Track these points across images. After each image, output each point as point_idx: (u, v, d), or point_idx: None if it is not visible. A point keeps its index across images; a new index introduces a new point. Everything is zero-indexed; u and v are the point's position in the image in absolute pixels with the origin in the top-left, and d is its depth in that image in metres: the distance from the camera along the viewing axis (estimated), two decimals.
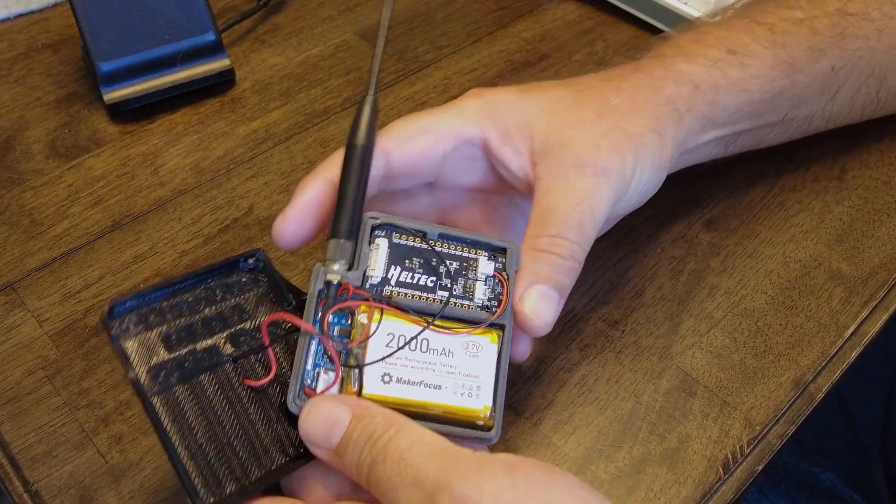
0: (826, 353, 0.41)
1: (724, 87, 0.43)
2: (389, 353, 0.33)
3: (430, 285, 0.35)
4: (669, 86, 0.42)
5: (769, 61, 0.44)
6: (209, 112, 0.55)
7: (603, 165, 0.38)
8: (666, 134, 0.40)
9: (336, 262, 0.34)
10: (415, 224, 0.36)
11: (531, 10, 0.63)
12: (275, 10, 0.62)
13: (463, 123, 0.39)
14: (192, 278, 0.33)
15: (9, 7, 0.62)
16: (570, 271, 0.37)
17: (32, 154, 0.52)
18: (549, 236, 0.36)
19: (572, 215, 0.37)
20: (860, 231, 0.47)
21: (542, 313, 0.35)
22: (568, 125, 0.39)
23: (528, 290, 0.35)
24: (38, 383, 0.41)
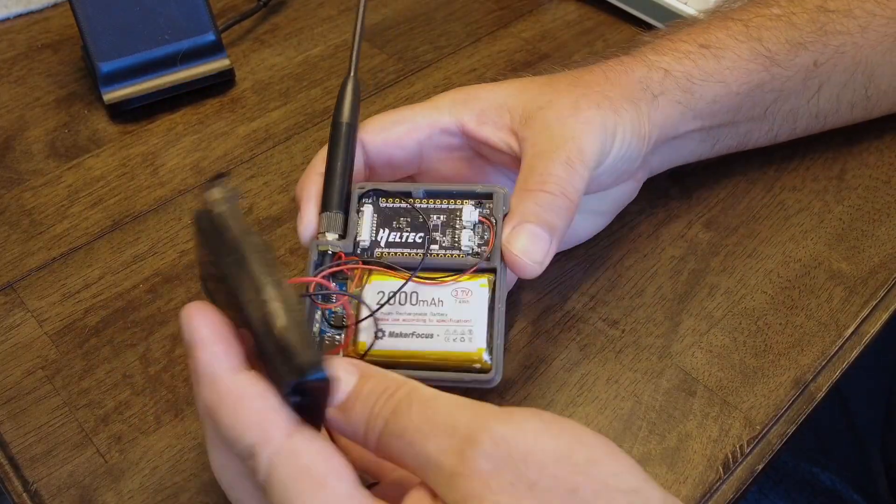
0: (826, 353, 0.41)
1: (699, 77, 0.43)
2: (377, 308, 0.34)
3: (419, 241, 0.36)
4: (639, 69, 0.42)
5: (745, 54, 0.44)
6: (209, 112, 0.55)
7: (585, 115, 0.38)
8: (641, 107, 0.40)
9: (329, 234, 0.36)
10: (400, 186, 0.37)
11: (531, 10, 0.63)
12: (275, 10, 0.62)
13: (437, 113, 0.40)
14: None
15: (9, 7, 0.62)
16: (560, 209, 0.36)
17: (32, 154, 0.52)
18: (538, 175, 0.36)
19: (560, 153, 0.36)
20: (860, 230, 0.47)
21: (530, 252, 0.34)
22: (544, 94, 0.39)
23: (515, 230, 0.35)
24: (38, 383, 0.41)
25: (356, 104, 0.39)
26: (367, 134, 0.39)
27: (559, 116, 0.38)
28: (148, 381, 0.41)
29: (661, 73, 0.42)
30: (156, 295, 0.44)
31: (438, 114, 0.40)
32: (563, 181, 0.36)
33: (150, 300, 0.44)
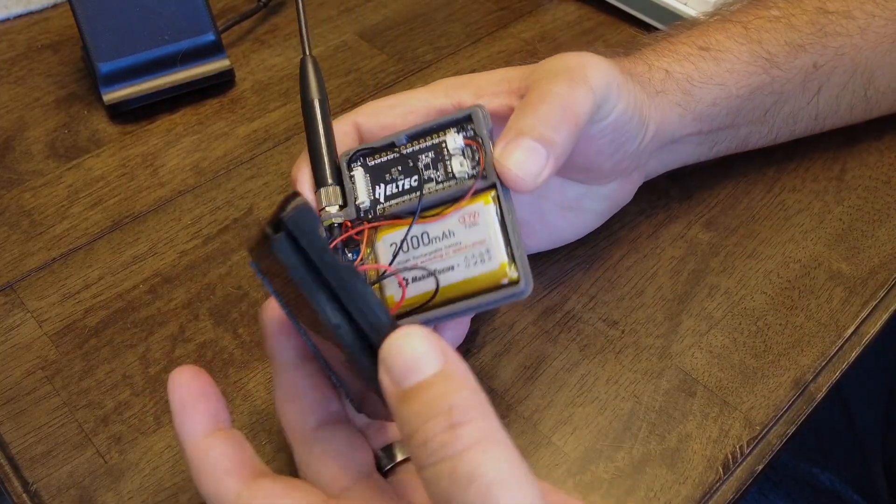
0: (826, 353, 0.41)
1: (698, 79, 0.43)
2: (392, 259, 0.34)
3: (416, 185, 0.35)
4: (640, 68, 0.42)
5: (744, 56, 0.44)
6: (209, 112, 0.55)
7: (592, 58, 0.36)
8: (645, 91, 0.40)
9: (329, 208, 0.36)
10: (382, 140, 0.37)
11: (531, 10, 0.63)
12: (274, 10, 0.62)
13: (432, 96, 0.39)
14: None
15: (9, 7, 0.62)
16: (560, 123, 0.34)
17: (32, 154, 0.52)
18: (539, 92, 0.35)
19: (564, 74, 0.35)
20: (860, 231, 0.47)
21: (524, 165, 0.33)
22: (544, 62, 0.38)
23: (509, 144, 0.33)
24: (38, 383, 0.41)
25: (320, 80, 0.39)
26: (361, 117, 0.39)
27: (563, 69, 0.36)
28: (148, 381, 0.41)
29: (662, 73, 0.42)
30: (155, 295, 0.44)
31: (434, 96, 0.39)
32: (565, 96, 0.34)
33: (150, 301, 0.44)
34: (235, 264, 0.46)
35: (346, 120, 0.39)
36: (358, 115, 0.39)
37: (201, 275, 0.45)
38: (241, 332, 0.42)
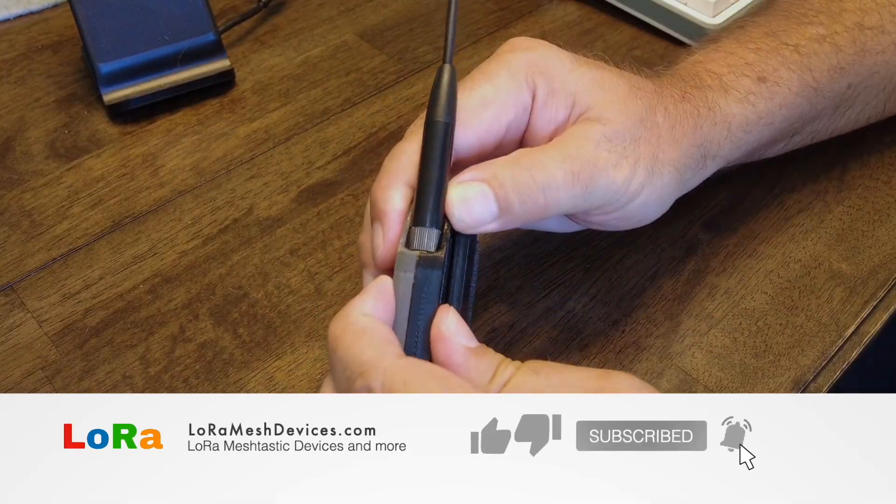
0: (826, 353, 0.41)
1: (753, 122, 0.42)
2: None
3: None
4: (707, 127, 0.40)
5: (795, 87, 0.43)
6: (209, 113, 0.55)
7: (615, 158, 0.36)
8: (684, 175, 0.39)
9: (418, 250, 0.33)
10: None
11: (531, 10, 0.63)
12: (275, 10, 0.62)
13: (517, 86, 0.36)
14: None
15: (9, 8, 0.62)
16: (529, 198, 0.34)
17: (32, 155, 0.52)
18: (535, 156, 0.35)
19: (568, 162, 0.35)
20: (860, 231, 0.47)
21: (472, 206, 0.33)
22: (613, 109, 0.36)
23: (473, 182, 0.34)
24: (38, 384, 0.41)
25: (454, 98, 0.34)
26: (458, 126, 0.35)
27: (597, 139, 0.35)
28: (148, 381, 0.41)
29: (725, 129, 0.41)
30: (155, 296, 0.44)
31: (517, 85, 0.36)
32: (549, 181, 0.34)
33: (150, 301, 0.44)
34: (235, 264, 0.46)
35: None
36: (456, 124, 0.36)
37: (201, 275, 0.45)
38: (241, 332, 0.42)
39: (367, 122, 0.54)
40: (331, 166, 0.51)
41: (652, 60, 0.58)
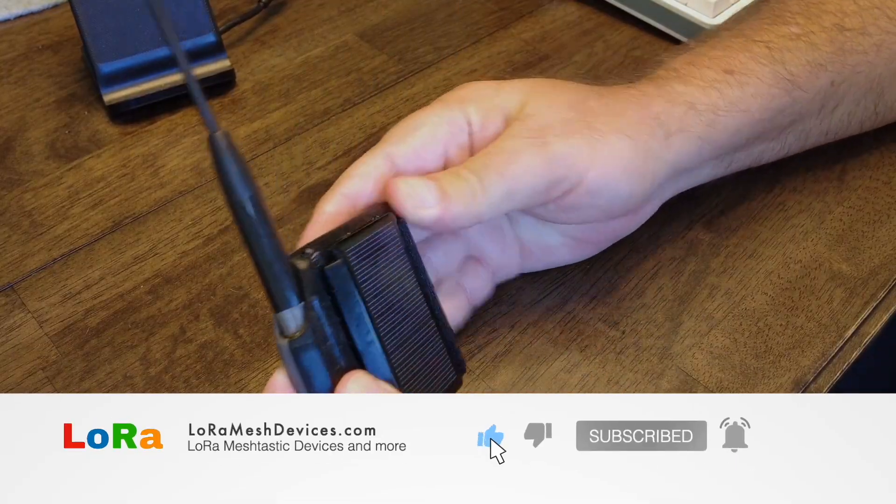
0: (826, 354, 0.41)
1: (723, 108, 0.42)
2: None
3: None
4: (659, 104, 0.41)
5: (768, 79, 0.43)
6: None
7: (543, 139, 0.37)
8: (646, 144, 0.39)
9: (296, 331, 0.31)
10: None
11: (531, 11, 0.63)
12: (275, 11, 0.63)
13: (451, 113, 0.39)
14: None
15: (9, 8, 0.62)
16: (459, 190, 0.35)
17: (32, 155, 0.52)
18: (460, 167, 0.36)
19: (483, 158, 0.36)
20: (860, 231, 0.47)
21: (418, 194, 0.35)
22: (537, 108, 0.38)
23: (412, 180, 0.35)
24: (39, 384, 0.41)
25: (244, 167, 0.29)
26: (393, 145, 0.37)
27: (524, 131, 0.37)
28: (148, 382, 0.41)
29: (685, 107, 0.41)
30: (156, 296, 0.44)
31: (453, 113, 0.39)
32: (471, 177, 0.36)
33: (151, 301, 0.44)
34: (236, 265, 0.46)
35: (378, 153, 0.37)
36: (388, 145, 0.38)
37: (202, 275, 0.45)
38: (241, 333, 0.43)
39: (368, 123, 0.54)
40: (331, 167, 0.51)
41: None
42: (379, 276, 0.34)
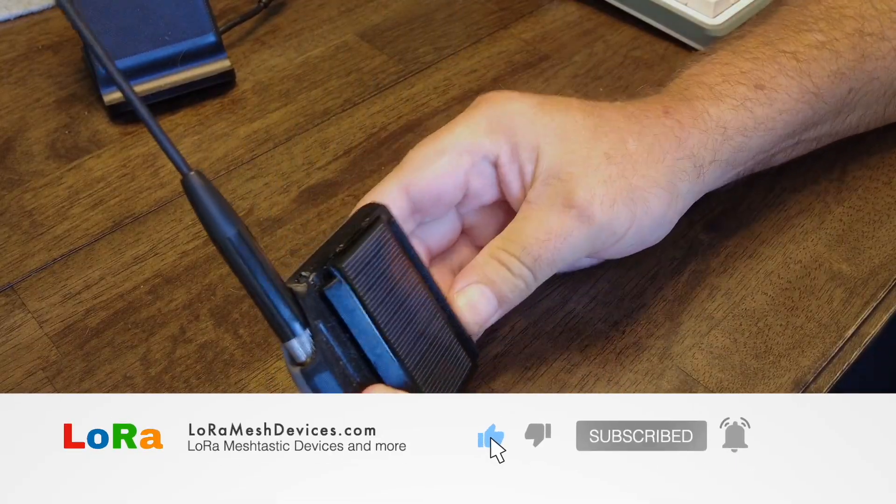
0: (826, 354, 0.41)
1: (752, 128, 0.42)
2: None
3: None
4: (695, 136, 0.40)
5: (795, 93, 0.43)
6: (209, 113, 0.55)
7: (588, 213, 0.37)
8: (677, 189, 0.39)
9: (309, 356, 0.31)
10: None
11: (531, 11, 0.63)
12: (275, 11, 0.63)
13: (477, 139, 0.38)
14: None
15: (9, 8, 0.62)
16: (515, 289, 0.38)
17: (33, 155, 0.52)
18: (507, 253, 0.37)
19: (535, 247, 0.37)
20: (860, 232, 0.47)
21: (478, 308, 0.37)
22: (575, 160, 0.38)
23: (469, 286, 0.37)
24: (39, 384, 0.41)
25: (222, 202, 0.30)
26: (411, 173, 0.37)
27: (566, 203, 0.37)
28: (148, 382, 0.41)
29: (720, 134, 0.41)
30: (156, 296, 0.44)
31: (477, 138, 0.38)
32: (524, 270, 0.37)
33: (151, 301, 0.44)
34: None
35: (394, 183, 0.37)
36: (408, 171, 0.37)
37: (202, 275, 0.45)
38: (241, 333, 0.43)
39: (368, 123, 0.54)
40: (331, 167, 0.51)
41: (652, 61, 0.58)
42: (379, 284, 0.34)
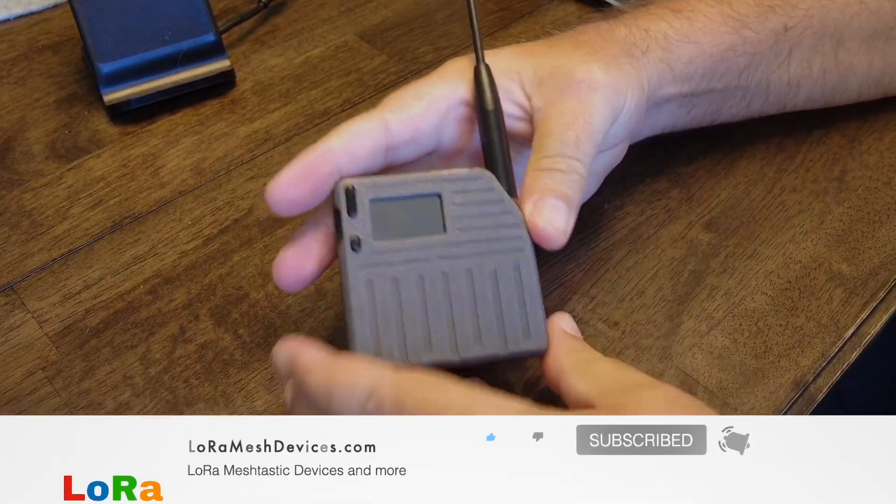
0: (826, 354, 0.41)
1: (674, 37, 0.44)
2: None
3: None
4: (621, 29, 0.44)
5: (716, 17, 0.45)
6: (209, 113, 0.55)
7: (596, 78, 0.39)
8: (637, 61, 0.42)
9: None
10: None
11: (531, 11, 0.63)
12: (275, 11, 0.63)
13: (452, 85, 0.40)
14: None
15: (9, 8, 0.62)
16: (573, 183, 0.38)
17: (32, 155, 0.52)
18: (548, 157, 0.38)
19: (569, 134, 0.38)
20: (860, 232, 0.47)
21: (554, 222, 0.36)
22: (552, 56, 0.41)
23: (536, 204, 0.37)
24: (38, 384, 0.41)
25: (495, 90, 0.40)
26: (389, 113, 0.39)
27: (571, 83, 0.39)
28: (148, 382, 0.41)
29: (642, 32, 0.44)
30: (156, 296, 0.44)
31: (452, 84, 0.40)
32: (572, 161, 0.38)
33: (151, 301, 0.44)
34: (236, 265, 0.46)
35: (375, 117, 0.39)
36: (385, 112, 0.39)
37: (202, 275, 0.45)
38: (241, 333, 0.43)
39: None
40: None
41: None
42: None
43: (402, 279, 0.35)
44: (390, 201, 0.36)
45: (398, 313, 0.34)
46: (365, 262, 0.35)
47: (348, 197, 0.35)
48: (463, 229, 0.36)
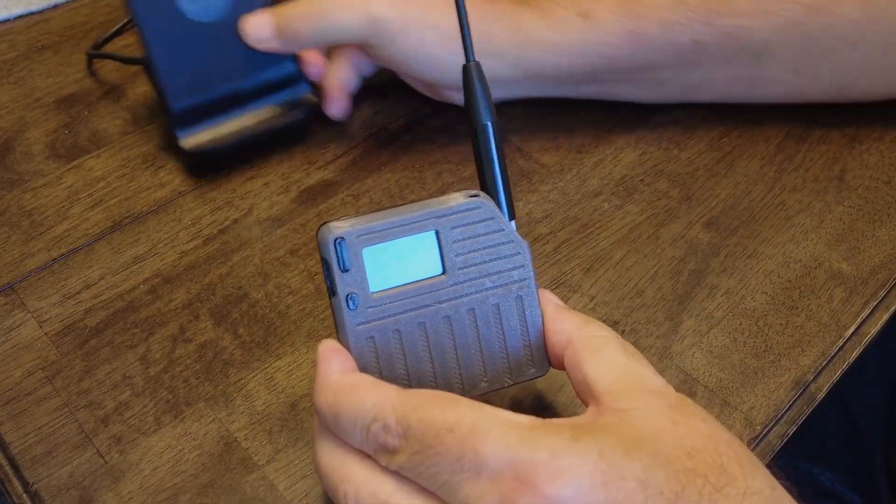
0: (826, 353, 0.41)
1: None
2: None
3: None
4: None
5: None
6: None
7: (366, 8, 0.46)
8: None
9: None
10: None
11: None
12: None
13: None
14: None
15: (9, 8, 0.62)
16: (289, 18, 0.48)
17: (32, 155, 0.52)
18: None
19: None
20: (860, 231, 0.47)
21: (254, 25, 0.49)
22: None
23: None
24: (38, 384, 0.41)
25: (489, 96, 0.37)
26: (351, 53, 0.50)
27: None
28: (148, 381, 0.41)
29: None
30: (156, 296, 0.44)
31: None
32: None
33: (151, 301, 0.44)
34: (236, 265, 0.46)
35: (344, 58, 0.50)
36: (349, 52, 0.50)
37: (202, 275, 0.45)
38: (241, 333, 0.43)
39: (368, 123, 0.54)
40: (331, 167, 0.51)
41: None
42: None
43: (404, 330, 0.34)
44: (384, 247, 0.33)
45: (403, 362, 0.34)
46: (364, 319, 0.33)
47: (338, 250, 0.33)
48: (463, 267, 0.34)
